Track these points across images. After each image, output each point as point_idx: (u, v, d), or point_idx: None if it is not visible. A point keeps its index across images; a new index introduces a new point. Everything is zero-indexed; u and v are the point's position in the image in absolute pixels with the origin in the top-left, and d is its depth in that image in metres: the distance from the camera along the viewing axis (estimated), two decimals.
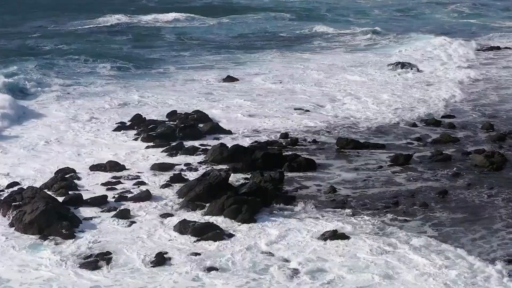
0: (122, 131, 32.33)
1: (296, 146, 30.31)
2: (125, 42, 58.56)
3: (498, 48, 55.92)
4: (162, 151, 29.19)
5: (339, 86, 42.09)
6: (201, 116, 34.16)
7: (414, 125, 33.71)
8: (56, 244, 20.56)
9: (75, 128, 32.98)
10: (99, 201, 23.66)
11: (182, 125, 31.76)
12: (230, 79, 43.99)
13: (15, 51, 52.35)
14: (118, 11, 76.50)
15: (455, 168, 27.40)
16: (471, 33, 64.07)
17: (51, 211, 21.83)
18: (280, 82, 42.99)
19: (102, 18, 71.82)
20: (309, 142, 30.88)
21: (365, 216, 22.67)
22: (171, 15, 74.95)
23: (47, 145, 30.54)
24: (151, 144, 29.97)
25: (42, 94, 40.12)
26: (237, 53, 54.51)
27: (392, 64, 46.95)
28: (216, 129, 32.24)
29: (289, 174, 26.63)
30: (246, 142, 30.54)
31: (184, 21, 72.58)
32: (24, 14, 73.93)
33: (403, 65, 46.32)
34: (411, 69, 45.76)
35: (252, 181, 24.60)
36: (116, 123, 33.81)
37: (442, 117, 35.14)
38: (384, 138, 31.73)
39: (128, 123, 33.60)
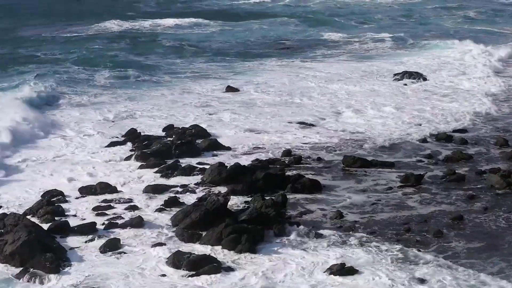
0: (115, 147, 30.56)
1: (300, 165, 28.56)
2: (123, 49, 56.75)
3: None
4: (156, 171, 27.42)
5: (345, 97, 40.21)
6: (199, 131, 32.44)
7: (424, 140, 31.91)
8: (39, 281, 18.83)
9: (64, 144, 31.18)
10: (88, 229, 21.92)
11: (179, 141, 29.97)
12: (230, 89, 42.24)
13: (11, 59, 50.69)
14: (118, 16, 74.69)
15: (469, 190, 25.64)
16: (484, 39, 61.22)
17: (34, 241, 20.10)
18: (283, 94, 41.09)
19: (102, 24, 69.90)
20: (313, 160, 29.12)
21: (374, 247, 20.85)
22: (173, 21, 72.88)
23: (34, 163, 28.76)
24: (145, 163, 28.12)
25: None
26: (238, 61, 52.51)
27: (399, 73, 44.92)
28: (214, 145, 30.49)
29: (293, 196, 24.91)
30: (246, 160, 28.83)
31: (186, 27, 70.24)
32: (21, 20, 71.93)
33: (410, 74, 44.34)
34: (420, 79, 43.81)
35: (252, 206, 22.81)
36: (110, 138, 32.13)
37: (454, 131, 33.35)
38: (393, 155, 29.96)
39: (122, 138, 31.86)
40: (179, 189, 25.51)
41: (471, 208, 24.13)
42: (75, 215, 23.28)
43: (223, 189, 25.37)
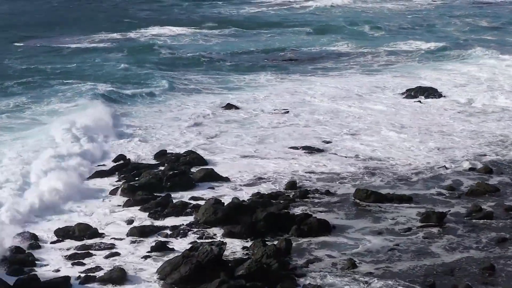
0: (100, 179, 27.45)
1: (306, 199, 25.45)
2: (118, 60, 53.21)
3: None
4: (144, 209, 24.29)
5: (355, 117, 36.81)
6: (194, 158, 29.36)
7: (443, 168, 28.73)
8: None
9: (41, 172, 27.66)
10: (60, 285, 18.84)
11: (171, 172, 26.84)
12: (229, 106, 39.13)
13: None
14: (116, 25, 71.44)
15: (499, 231, 22.55)
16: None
17: None
18: (287, 112, 37.86)
19: (101, 34, 66.48)
20: (321, 193, 25.98)
21: None
22: (176, 29, 68.89)
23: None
24: (132, 199, 24.95)
25: None
26: (238, 74, 48.96)
27: (412, 89, 41.54)
28: (211, 176, 27.37)
29: (299, 241, 21.82)
30: (246, 193, 25.76)
31: (189, 35, 65.93)
32: (15, 30, 68.65)
33: (425, 90, 41.04)
34: (436, 96, 40.54)
35: (251, 259, 19.63)
36: (97, 166, 29.08)
37: (476, 157, 30.15)
38: (411, 186, 26.84)
39: (110, 166, 28.77)
40: (169, 232, 22.40)
41: (503, 253, 21.08)
42: (47, 265, 20.23)
43: (219, 232, 22.32)
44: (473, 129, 34.60)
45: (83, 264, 20.20)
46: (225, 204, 23.49)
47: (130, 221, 23.36)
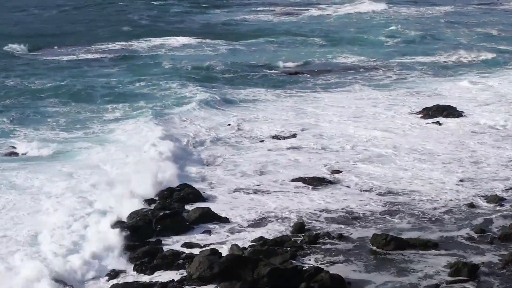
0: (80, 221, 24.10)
1: (316, 245, 22.14)
2: (116, 75, 49.92)
3: None
4: (129, 259, 21.00)
5: (368, 140, 33.19)
6: (190, 193, 26.06)
7: (471, 205, 25.37)
8: None
9: (14, 216, 24.38)
10: None
11: (161, 213, 23.53)
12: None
13: None
14: (117, 35, 68.11)
15: None
16: None
17: None
18: (293, 136, 34.40)
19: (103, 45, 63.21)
20: (333, 237, 22.66)
21: None
22: (181, 39, 65.21)
23: None
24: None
25: None
26: (240, 89, 45.19)
27: (430, 108, 38.02)
28: (207, 216, 24.08)
29: None
30: (246, 239, 22.48)
31: (196, 46, 62.09)
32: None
33: (443, 109, 37.55)
34: (455, 115, 37.05)
35: None
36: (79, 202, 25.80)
37: (508, 189, 26.82)
38: (435, 227, 23.49)
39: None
40: None
41: None
42: None
43: None
44: (508, 155, 30.83)
45: None
46: (223, 256, 20.20)
47: (113, 275, 20.11)
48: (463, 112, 37.75)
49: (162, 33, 69.64)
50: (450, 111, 37.42)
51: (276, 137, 34.33)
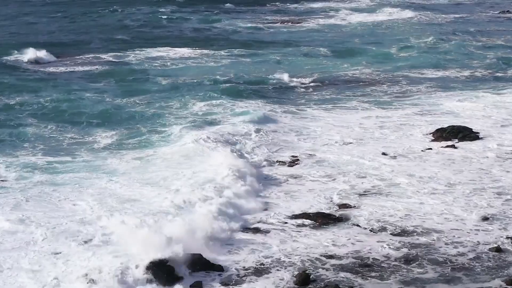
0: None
1: None
2: (104, 90, 46.52)
3: None
4: None
5: (377, 168, 29.98)
6: None
7: (498, 249, 22.33)
8: None
9: None
10: None
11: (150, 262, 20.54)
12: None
13: None
14: (108, 48, 64.68)
15: None
16: None
17: None
18: (294, 163, 31.22)
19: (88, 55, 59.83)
20: None
21: None
22: (182, 51, 61.65)
23: None
24: None
25: None
26: (235, 101, 41.64)
27: (444, 130, 34.72)
28: (199, 263, 21.07)
29: None
30: None
31: (196, 58, 58.14)
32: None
33: (459, 131, 34.38)
34: (471, 138, 33.83)
35: None
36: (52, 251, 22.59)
37: None
38: (459, 277, 20.50)
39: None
40: None
41: None
42: None
43: None
44: None
45: None
46: None
47: None
48: (479, 133, 34.52)
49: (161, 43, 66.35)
50: (465, 133, 34.24)
51: (274, 162, 31.27)
